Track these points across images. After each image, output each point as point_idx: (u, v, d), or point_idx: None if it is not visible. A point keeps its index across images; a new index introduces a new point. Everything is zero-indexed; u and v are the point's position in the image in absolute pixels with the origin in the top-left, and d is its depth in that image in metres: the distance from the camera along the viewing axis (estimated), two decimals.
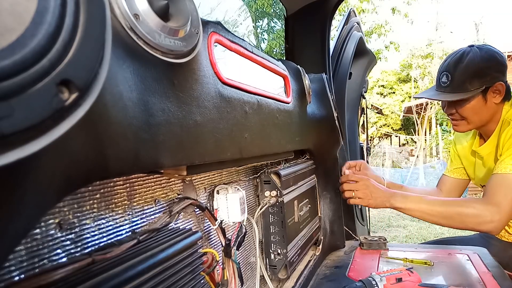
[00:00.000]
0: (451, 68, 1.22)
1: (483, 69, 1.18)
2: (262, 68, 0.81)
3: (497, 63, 1.20)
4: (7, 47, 0.19)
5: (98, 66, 0.25)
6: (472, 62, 1.19)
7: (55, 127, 0.22)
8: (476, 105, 1.21)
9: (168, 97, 0.44)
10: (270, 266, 0.89)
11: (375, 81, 17.85)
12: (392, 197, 1.13)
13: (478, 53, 1.20)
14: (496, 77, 1.19)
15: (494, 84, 1.19)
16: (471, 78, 1.18)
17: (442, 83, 1.25)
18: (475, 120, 1.24)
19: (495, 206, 1.05)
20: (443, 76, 1.25)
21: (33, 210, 0.26)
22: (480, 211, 1.05)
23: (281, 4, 1.46)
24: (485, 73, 1.18)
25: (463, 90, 1.20)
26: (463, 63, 1.20)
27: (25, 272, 0.33)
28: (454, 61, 1.23)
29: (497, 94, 1.21)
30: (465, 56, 1.21)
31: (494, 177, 1.12)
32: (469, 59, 1.19)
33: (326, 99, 1.19)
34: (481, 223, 1.05)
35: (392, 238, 3.93)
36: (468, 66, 1.19)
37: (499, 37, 37.22)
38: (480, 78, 1.18)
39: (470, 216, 1.06)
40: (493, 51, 1.22)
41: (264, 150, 0.75)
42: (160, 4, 0.42)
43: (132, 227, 0.49)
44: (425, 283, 0.85)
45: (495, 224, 1.04)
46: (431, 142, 12.42)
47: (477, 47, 1.23)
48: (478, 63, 1.18)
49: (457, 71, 1.20)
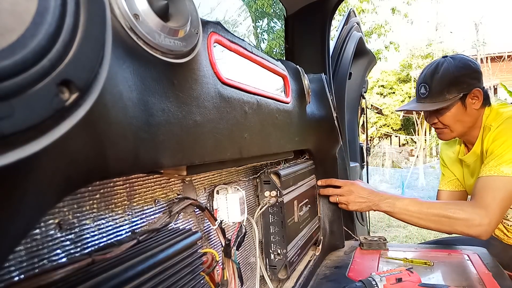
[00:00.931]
0: (428, 79, 1.26)
1: (458, 77, 1.21)
2: (262, 68, 0.81)
3: (471, 71, 1.23)
4: (8, 47, 0.19)
5: (98, 66, 0.25)
6: (447, 71, 1.23)
7: (56, 127, 0.22)
8: (456, 112, 1.24)
9: (168, 97, 0.44)
10: (270, 266, 0.89)
11: (375, 81, 17.84)
12: (380, 201, 1.13)
13: (452, 63, 1.24)
14: (472, 84, 1.22)
15: (471, 90, 1.22)
16: (448, 87, 1.22)
17: (421, 94, 1.28)
18: (457, 128, 1.26)
19: (484, 209, 1.05)
20: (422, 88, 1.28)
21: (33, 210, 0.26)
22: (469, 214, 1.05)
23: (281, 4, 1.46)
24: (461, 81, 1.21)
25: (442, 99, 1.23)
26: (439, 73, 1.24)
27: (25, 272, 0.33)
28: (430, 72, 1.27)
29: (475, 100, 1.23)
30: (439, 66, 1.25)
31: (480, 180, 1.12)
32: (444, 69, 1.23)
33: (325, 99, 1.19)
34: (470, 226, 1.04)
35: (392, 238, 3.93)
36: (444, 76, 1.23)
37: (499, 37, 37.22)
38: (456, 86, 1.21)
39: (459, 220, 1.05)
40: (467, 59, 1.26)
41: (263, 150, 0.75)
42: (160, 4, 0.42)
43: (132, 227, 0.49)
44: (425, 283, 0.85)
45: (484, 228, 1.04)
46: (431, 142, 12.42)
47: (451, 57, 1.27)
48: (453, 72, 1.22)
49: (433, 81, 1.24)
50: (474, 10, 48.38)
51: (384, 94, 18.07)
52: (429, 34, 16.88)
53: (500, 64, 12.10)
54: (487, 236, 1.06)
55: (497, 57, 12.61)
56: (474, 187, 1.14)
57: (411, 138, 16.07)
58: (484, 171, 1.13)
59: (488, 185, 1.09)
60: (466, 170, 1.40)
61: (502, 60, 12.06)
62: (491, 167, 1.11)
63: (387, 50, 10.18)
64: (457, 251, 1.20)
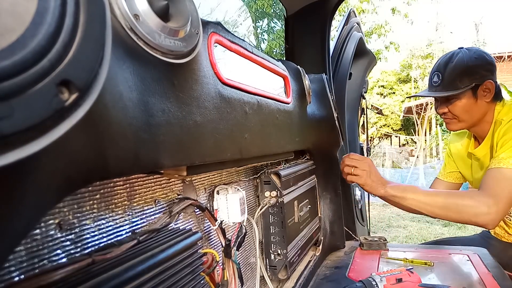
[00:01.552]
0: (441, 68, 1.28)
1: (472, 67, 1.22)
2: (262, 68, 0.81)
3: (485, 62, 1.24)
4: (7, 48, 0.19)
5: (98, 67, 0.25)
6: (461, 61, 1.24)
7: (55, 127, 0.22)
8: (467, 103, 1.25)
9: (168, 97, 0.44)
10: (270, 266, 0.89)
11: (375, 81, 17.84)
12: (388, 185, 1.14)
13: (467, 53, 1.25)
14: (485, 75, 1.23)
15: (483, 82, 1.23)
16: (460, 76, 1.23)
17: (434, 82, 1.30)
18: (466, 119, 1.27)
19: (493, 197, 1.04)
20: (434, 76, 1.30)
21: (33, 210, 0.26)
22: (477, 202, 1.04)
23: (281, 4, 1.46)
24: (474, 71, 1.22)
25: (454, 88, 1.24)
26: (453, 62, 1.25)
27: (25, 273, 0.33)
28: (444, 61, 1.28)
29: (487, 93, 1.24)
30: (454, 56, 1.26)
31: (490, 172, 1.13)
32: (459, 59, 1.25)
33: (326, 99, 1.19)
34: (477, 214, 1.03)
35: (392, 238, 3.93)
36: (457, 65, 1.24)
37: (499, 37, 37.22)
38: (469, 76, 1.22)
39: (467, 207, 1.05)
40: (482, 51, 1.27)
41: (264, 151, 0.75)
42: (160, 5, 0.42)
43: (132, 228, 0.49)
44: (425, 284, 0.85)
45: (491, 217, 1.03)
46: (431, 143, 12.42)
47: (466, 49, 1.29)
48: (467, 62, 1.23)
49: (447, 70, 1.25)
50: (474, 10, 48.40)
51: (384, 94, 18.07)
52: (429, 34, 16.89)
53: (500, 64, 12.09)
54: (493, 225, 1.05)
55: (497, 57, 12.61)
56: (483, 178, 1.14)
57: (411, 138, 16.07)
58: (494, 163, 1.13)
59: (497, 176, 1.09)
60: (475, 163, 1.40)
61: (502, 60, 12.06)
62: (501, 159, 1.12)
63: (387, 50, 10.18)
64: (457, 251, 1.20)
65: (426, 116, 12.39)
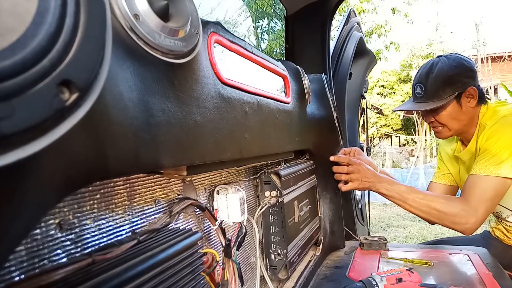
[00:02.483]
0: (423, 79, 1.28)
1: (452, 76, 1.23)
2: (262, 68, 0.81)
3: (465, 70, 1.24)
4: (8, 48, 0.19)
5: (98, 67, 0.25)
6: (441, 71, 1.24)
7: (56, 127, 0.22)
8: (452, 111, 1.25)
9: (168, 97, 0.44)
10: (270, 266, 0.89)
11: (375, 81, 17.82)
12: (379, 183, 1.18)
13: (446, 62, 1.25)
14: (467, 82, 1.23)
15: (466, 89, 1.23)
16: (443, 86, 1.23)
17: (417, 94, 1.30)
18: (454, 126, 1.28)
19: (472, 209, 1.10)
20: (417, 88, 1.30)
21: (33, 210, 0.26)
22: (458, 211, 1.11)
23: (281, 4, 1.47)
24: (455, 80, 1.23)
25: (437, 98, 1.24)
26: (433, 73, 1.25)
27: (25, 273, 0.33)
28: (425, 72, 1.28)
29: (471, 99, 1.25)
30: (434, 66, 1.26)
31: (470, 178, 1.17)
32: (438, 68, 1.25)
33: (325, 99, 1.19)
34: (456, 223, 1.11)
35: (392, 238, 3.93)
36: (438, 75, 1.24)
37: (500, 37, 37.22)
38: (451, 85, 1.23)
39: (448, 215, 1.12)
40: (461, 58, 1.27)
41: (264, 150, 0.75)
42: (160, 5, 0.42)
43: (132, 228, 0.49)
44: (425, 283, 0.85)
45: (469, 226, 1.10)
46: (431, 142, 12.41)
47: (445, 57, 1.29)
48: (447, 72, 1.23)
49: (429, 81, 1.26)
50: (474, 10, 48.37)
51: (385, 94, 18.05)
52: (429, 34, 16.88)
53: (501, 64, 12.09)
54: (470, 233, 1.14)
55: (498, 57, 12.60)
56: (464, 184, 1.18)
57: (411, 138, 16.06)
58: (475, 169, 1.16)
59: (477, 184, 1.13)
60: (462, 166, 1.41)
61: (503, 60, 12.06)
62: (481, 166, 1.14)
63: (388, 50, 10.17)
64: (457, 251, 1.20)
65: None
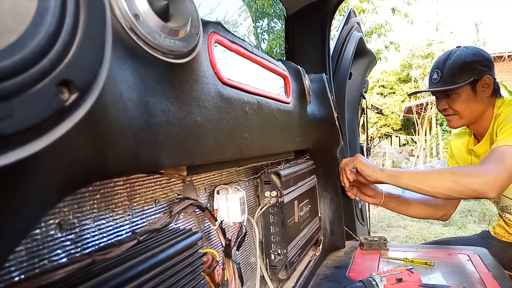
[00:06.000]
0: (440, 65, 1.32)
1: (470, 63, 1.26)
2: (262, 68, 0.81)
3: (483, 58, 1.28)
4: (7, 48, 0.19)
5: (98, 67, 0.25)
6: (459, 58, 1.29)
7: (55, 127, 0.22)
8: (466, 98, 1.28)
9: (168, 97, 0.44)
10: (270, 266, 0.89)
11: (375, 81, 17.81)
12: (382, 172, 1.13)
13: (465, 51, 1.30)
14: (483, 71, 1.26)
15: (482, 77, 1.26)
16: (459, 72, 1.27)
17: (433, 79, 1.34)
18: (467, 114, 1.30)
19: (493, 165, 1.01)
20: (434, 73, 1.35)
21: (33, 210, 0.26)
22: (473, 170, 1.05)
23: (281, 4, 1.46)
24: (472, 67, 1.26)
25: (453, 83, 1.27)
26: (451, 59, 1.30)
27: (25, 273, 0.33)
28: (443, 59, 1.33)
29: (486, 88, 1.27)
30: (452, 54, 1.31)
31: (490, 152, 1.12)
32: (457, 56, 1.30)
33: (326, 99, 1.19)
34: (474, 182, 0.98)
35: (392, 238, 3.93)
36: (456, 61, 1.28)
37: (499, 37, 37.21)
38: (467, 71, 1.26)
39: (463, 175, 1.00)
40: (479, 49, 1.32)
41: (264, 150, 0.75)
42: (160, 5, 0.42)
43: (132, 228, 0.49)
44: (425, 284, 0.85)
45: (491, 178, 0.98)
46: (431, 142, 12.40)
47: (464, 47, 1.34)
48: (465, 58, 1.28)
49: (445, 67, 1.30)
50: (474, 10, 48.38)
51: (385, 94, 18.05)
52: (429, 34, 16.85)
53: (501, 64, 12.08)
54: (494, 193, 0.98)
55: (498, 57, 12.60)
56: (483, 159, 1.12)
57: (411, 138, 16.05)
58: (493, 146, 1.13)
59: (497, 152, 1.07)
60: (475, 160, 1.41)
61: (503, 60, 12.05)
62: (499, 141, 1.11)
63: (387, 50, 10.17)
64: (457, 251, 1.20)
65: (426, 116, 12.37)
